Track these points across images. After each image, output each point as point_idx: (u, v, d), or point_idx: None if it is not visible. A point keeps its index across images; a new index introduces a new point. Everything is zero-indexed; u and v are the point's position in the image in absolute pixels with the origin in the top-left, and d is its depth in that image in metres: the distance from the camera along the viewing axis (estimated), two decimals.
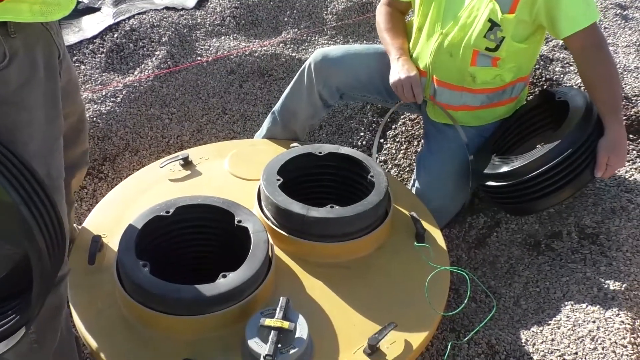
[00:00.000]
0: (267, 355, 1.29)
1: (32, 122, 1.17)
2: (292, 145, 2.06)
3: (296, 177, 1.90)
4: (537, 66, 2.52)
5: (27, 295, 1.15)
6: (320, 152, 1.91)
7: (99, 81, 2.69)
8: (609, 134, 1.82)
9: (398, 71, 2.05)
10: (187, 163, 2.05)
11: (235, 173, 2.03)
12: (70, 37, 2.89)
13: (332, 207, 1.69)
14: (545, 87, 2.45)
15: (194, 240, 1.70)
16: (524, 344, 1.68)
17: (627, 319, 1.62)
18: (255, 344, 1.33)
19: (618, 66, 2.50)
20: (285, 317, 1.37)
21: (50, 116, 1.22)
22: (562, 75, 2.51)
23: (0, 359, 1.17)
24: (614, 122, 1.83)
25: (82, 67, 2.75)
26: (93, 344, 1.44)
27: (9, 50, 1.10)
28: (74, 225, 1.86)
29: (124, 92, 2.65)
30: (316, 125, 2.77)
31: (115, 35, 2.89)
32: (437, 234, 1.85)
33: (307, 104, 2.25)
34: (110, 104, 2.59)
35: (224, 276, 1.45)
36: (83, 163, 1.74)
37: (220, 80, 2.85)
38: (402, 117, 2.73)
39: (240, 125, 2.79)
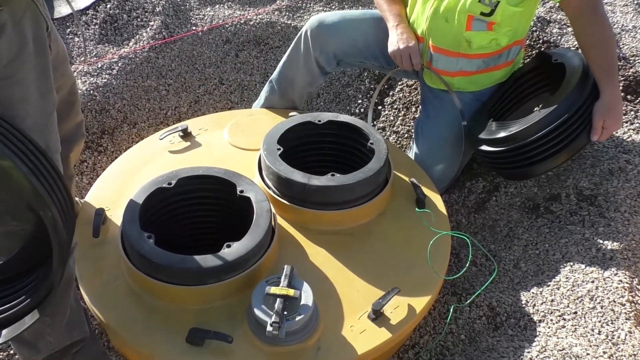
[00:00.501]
0: (273, 322, 1.30)
1: (26, 97, 1.15)
2: (290, 114, 2.04)
3: (296, 146, 1.89)
4: (534, 28, 2.49)
5: (43, 269, 1.15)
6: (319, 121, 1.90)
7: (93, 53, 2.65)
8: (604, 97, 1.81)
9: (397, 40, 2.02)
10: (186, 134, 2.03)
11: (235, 143, 2.02)
12: (62, 8, 2.83)
13: (333, 175, 1.69)
14: (542, 49, 2.43)
15: (196, 211, 1.71)
16: (524, 305, 1.70)
17: (625, 278, 1.64)
18: (261, 312, 1.34)
19: (616, 26, 2.47)
20: (290, 285, 1.38)
21: (43, 90, 1.20)
22: (559, 37, 2.47)
23: (19, 336, 1.18)
24: (609, 84, 1.81)
25: (76, 39, 2.70)
26: (101, 315, 1.46)
27: None
28: (76, 198, 1.85)
29: (119, 64, 2.61)
30: (314, 93, 2.75)
31: (108, 6, 2.83)
32: (437, 199, 1.86)
33: (304, 72, 2.22)
34: (107, 76, 2.56)
35: (229, 246, 1.46)
36: (79, 135, 1.72)
37: (216, 50, 2.81)
38: (399, 83, 2.70)
39: (238, 95, 2.76)
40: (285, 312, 1.34)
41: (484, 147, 1.98)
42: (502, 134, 1.91)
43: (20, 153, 1.05)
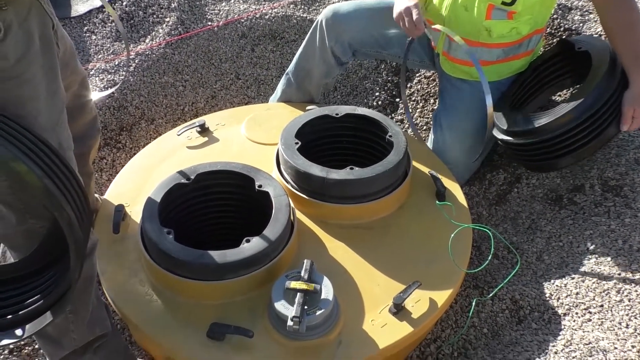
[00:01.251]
0: (294, 317, 1.30)
1: (36, 95, 1.16)
2: (308, 107, 2.03)
3: (314, 140, 1.88)
4: (554, 15, 2.44)
5: (60, 266, 1.16)
6: (337, 114, 1.89)
7: (110, 51, 2.67)
8: (634, 85, 1.77)
9: (398, 4, 1.94)
10: (203, 130, 2.04)
11: (253, 138, 2.02)
12: (80, 6, 2.86)
13: (351, 168, 1.68)
14: (563, 37, 2.38)
15: (215, 207, 1.71)
16: (548, 299, 1.68)
17: None
18: (282, 306, 1.34)
19: None
20: (310, 279, 1.38)
21: (52, 89, 1.20)
22: (581, 25, 2.43)
23: (42, 331, 1.19)
24: (638, 72, 1.77)
25: (93, 37, 2.72)
26: (123, 310, 1.47)
27: (2, 23, 1.07)
28: (96, 195, 1.87)
29: (136, 61, 2.63)
30: (331, 85, 2.73)
31: (125, 3, 2.85)
32: (457, 192, 1.84)
33: (320, 62, 2.22)
34: (124, 73, 2.57)
35: (248, 241, 1.46)
36: (94, 131, 1.72)
37: (232, 45, 2.81)
38: (417, 75, 2.68)
39: (254, 90, 2.76)
40: (305, 307, 1.33)
41: (508, 138, 1.95)
42: (528, 126, 1.88)
43: (33, 155, 1.05)
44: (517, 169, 2.18)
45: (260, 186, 1.60)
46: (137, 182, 1.84)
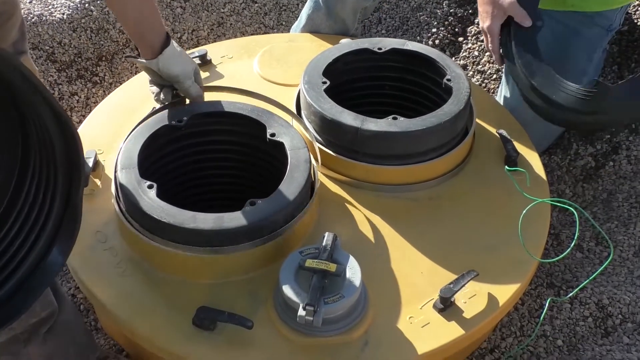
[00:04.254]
0: (307, 304, 1.29)
1: None
2: (342, 41, 2.02)
3: (348, 82, 1.88)
4: None
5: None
6: (380, 48, 1.88)
7: None
8: None
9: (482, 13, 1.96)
10: (204, 62, 2.04)
11: (268, 76, 2.02)
12: None
13: (395, 118, 1.66)
14: None
15: (213, 160, 1.72)
16: None
17: None
18: (291, 290, 1.33)
19: None
20: (331, 258, 1.37)
21: None
22: None
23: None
24: None
25: None
26: (89, 286, 1.47)
27: None
28: None
29: None
30: (370, 11, 2.71)
31: None
32: (534, 160, 1.82)
33: None
34: None
35: (253, 204, 1.45)
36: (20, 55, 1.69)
37: None
38: None
39: (274, 18, 2.77)
40: (323, 294, 1.32)
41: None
42: None
43: None
44: (615, 136, 2.15)
45: (273, 135, 1.60)
46: (114, 125, 1.85)
